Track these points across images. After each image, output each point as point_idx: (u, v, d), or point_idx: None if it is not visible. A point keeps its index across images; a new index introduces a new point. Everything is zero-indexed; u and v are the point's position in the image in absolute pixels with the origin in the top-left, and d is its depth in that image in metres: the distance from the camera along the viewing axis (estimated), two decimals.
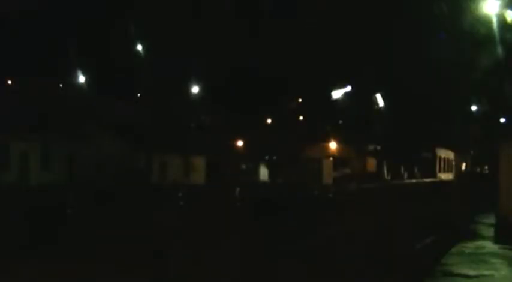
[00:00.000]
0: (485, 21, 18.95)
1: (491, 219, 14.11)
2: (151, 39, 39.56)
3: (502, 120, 44.97)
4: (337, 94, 47.58)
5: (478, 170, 55.67)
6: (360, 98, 49.18)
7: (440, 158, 56.12)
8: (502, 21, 17.47)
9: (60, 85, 46.17)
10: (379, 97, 47.92)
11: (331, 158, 45.73)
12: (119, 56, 41.36)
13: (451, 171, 57.77)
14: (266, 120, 55.75)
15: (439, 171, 54.57)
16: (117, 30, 41.30)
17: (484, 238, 12.53)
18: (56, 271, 8.24)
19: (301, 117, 57.33)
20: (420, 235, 12.33)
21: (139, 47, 37.85)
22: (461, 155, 59.77)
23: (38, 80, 40.08)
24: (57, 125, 33.91)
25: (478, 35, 23.66)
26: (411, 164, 51.84)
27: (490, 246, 11.38)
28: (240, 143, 50.54)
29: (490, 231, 13.27)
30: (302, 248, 10.83)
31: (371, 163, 50.37)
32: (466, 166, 62.88)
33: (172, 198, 22.63)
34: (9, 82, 43.05)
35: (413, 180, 43.92)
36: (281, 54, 45.49)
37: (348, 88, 46.54)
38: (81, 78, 43.20)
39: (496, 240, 12.02)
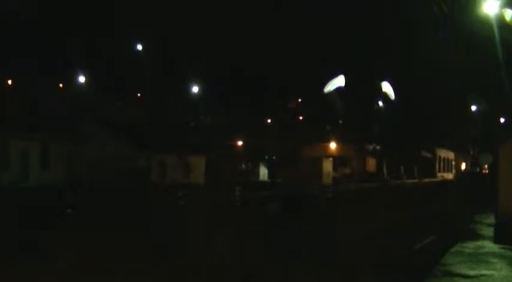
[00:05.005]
0: (485, 21, 18.96)
1: (491, 219, 14.11)
2: (152, 39, 39.61)
3: (502, 120, 45.01)
4: (330, 86, 46.56)
5: (478, 170, 55.55)
6: (359, 98, 49.11)
7: (440, 158, 56.16)
8: (502, 21, 17.48)
9: (60, 85, 46.24)
10: (389, 89, 46.75)
11: (331, 158, 45.69)
12: (119, 56, 41.41)
13: (451, 171, 57.79)
14: (266, 120, 55.76)
15: (439, 171, 54.59)
16: (117, 30, 41.35)
17: (483, 238, 12.53)
18: (56, 271, 8.25)
19: (301, 117, 57.37)
20: (420, 235, 12.32)
21: (140, 47, 37.88)
22: (461, 155, 59.75)
23: (38, 80, 40.13)
24: (57, 125, 33.91)
25: (478, 35, 23.68)
26: (411, 164, 51.77)
27: (489, 246, 11.39)
28: (239, 143, 50.52)
29: (489, 231, 13.27)
30: (301, 249, 10.82)
31: (371, 163, 50.32)
32: (466, 166, 62.83)
33: (172, 198, 22.59)
34: (9, 82, 43.08)
35: (414, 180, 43.88)
36: (282, 54, 45.52)
37: (341, 78, 45.58)
38: (81, 78, 43.22)
39: (496, 240, 12.02)
